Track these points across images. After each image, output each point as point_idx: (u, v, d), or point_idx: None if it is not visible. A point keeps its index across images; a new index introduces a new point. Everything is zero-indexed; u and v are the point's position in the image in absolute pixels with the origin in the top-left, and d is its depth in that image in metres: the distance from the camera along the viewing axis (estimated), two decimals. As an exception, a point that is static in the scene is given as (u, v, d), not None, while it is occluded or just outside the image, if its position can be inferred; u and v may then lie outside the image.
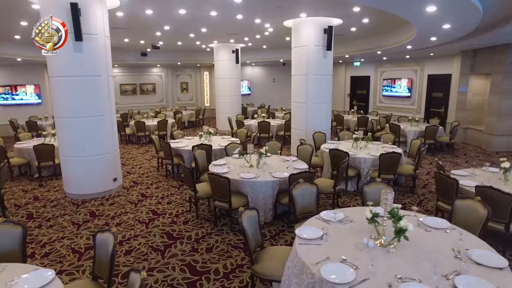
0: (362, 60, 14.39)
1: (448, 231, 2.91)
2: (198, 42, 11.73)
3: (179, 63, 15.96)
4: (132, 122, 10.84)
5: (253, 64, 17.85)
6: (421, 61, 12.56)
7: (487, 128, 9.52)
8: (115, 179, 6.03)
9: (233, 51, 12.29)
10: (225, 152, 6.27)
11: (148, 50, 13.11)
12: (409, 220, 3.13)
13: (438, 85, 12.18)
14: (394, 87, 13.76)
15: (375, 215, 2.72)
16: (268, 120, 10.64)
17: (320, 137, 7.51)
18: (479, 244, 2.71)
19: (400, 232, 2.53)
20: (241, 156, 5.26)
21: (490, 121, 9.42)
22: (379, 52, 10.76)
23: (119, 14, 6.74)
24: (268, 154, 5.89)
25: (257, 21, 7.86)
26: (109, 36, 5.78)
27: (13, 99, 12.89)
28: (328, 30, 7.58)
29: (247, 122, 10.76)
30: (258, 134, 10.17)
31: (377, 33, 9.87)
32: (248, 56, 14.75)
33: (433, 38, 7.57)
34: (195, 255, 3.88)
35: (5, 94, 12.66)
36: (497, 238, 3.94)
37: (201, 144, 6.29)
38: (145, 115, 12.10)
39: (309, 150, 6.08)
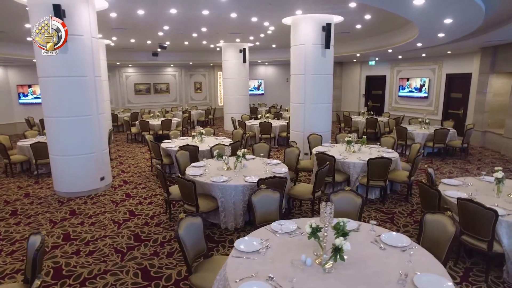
0: (377, 59, 13.77)
1: (405, 250, 2.61)
2: (204, 42, 11.71)
3: (191, 63, 16.09)
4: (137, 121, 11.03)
5: (266, 63, 17.65)
6: (439, 60, 11.80)
7: (507, 132, 8.73)
8: (102, 178, 6.09)
9: (240, 51, 12.17)
10: (211, 153, 6.16)
11: (159, 50, 13.28)
12: (366, 235, 2.87)
13: (457, 85, 11.39)
14: (411, 88, 13.03)
15: (316, 229, 2.48)
16: (269, 121, 10.42)
17: (316, 140, 7.21)
18: (433, 268, 2.40)
19: (336, 251, 2.27)
20: (219, 159, 5.12)
21: (510, 124, 8.63)
22: (390, 50, 10.22)
23: (113, 15, 6.82)
24: (252, 156, 5.76)
25: (254, 19, 7.68)
26: (97, 37, 5.85)
27: (36, 97, 13.52)
28: (327, 28, 7.25)
29: (250, 122, 10.59)
30: (260, 135, 10.01)
31: (386, 30, 9.37)
32: (258, 56, 14.59)
33: (441, 35, 7.02)
34: (154, 259, 3.79)
35: (30, 94, 13.33)
36: (485, 257, 3.51)
37: (187, 145, 6.22)
38: (151, 115, 12.26)
39: (296, 153, 5.83)
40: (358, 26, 8.63)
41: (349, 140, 6.07)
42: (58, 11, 5.06)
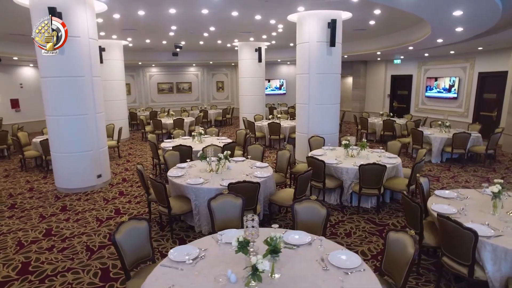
0: (402, 57, 12.92)
1: (351, 272, 2.31)
2: (219, 41, 11.71)
3: (211, 62, 16.20)
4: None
5: (288, 63, 17.30)
6: (471, 57, 10.78)
7: (544, 138, 7.73)
8: (99, 176, 6.26)
9: (256, 50, 12.01)
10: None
11: (178, 50, 13.50)
12: (315, 252, 2.59)
13: (491, 85, 10.35)
14: (439, 88, 12.04)
15: (245, 243, 2.27)
16: (281, 121, 10.16)
17: (317, 142, 6.87)
18: (373, 295, 2.09)
19: (255, 271, 2.05)
20: (202, 160, 5.01)
21: (547, 129, 7.64)
22: (411, 48, 9.50)
23: (116, 16, 6.98)
24: (241, 158, 5.60)
25: (258, 17, 7.48)
26: (95, 38, 6.01)
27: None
28: (332, 24, 6.86)
29: (262, 123, 10.40)
30: (269, 136, 9.80)
31: (404, 26, 8.73)
32: (277, 55, 14.36)
33: (459, 29, 6.35)
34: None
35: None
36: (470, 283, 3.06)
37: (180, 145, 6.19)
38: (166, 114, 12.51)
39: (287, 156, 5.56)
40: (372, 23, 8.10)
41: (346, 144, 5.69)
42: (54, 14, 5.24)
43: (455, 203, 3.61)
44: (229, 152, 4.87)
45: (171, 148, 6.11)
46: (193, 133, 7.35)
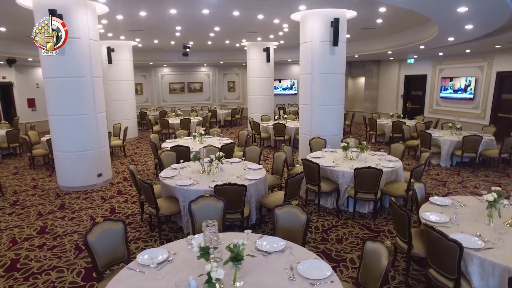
0: (415, 56, 12.48)
1: (317, 284, 2.20)
2: (227, 41, 11.70)
3: (221, 62, 16.22)
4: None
5: (299, 62, 17.08)
6: (489, 56, 10.27)
7: None
8: (99, 175, 6.36)
9: (264, 50, 11.92)
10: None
11: (187, 50, 13.59)
12: (286, 260, 2.48)
13: (510, 85, 9.83)
14: (455, 88, 11.54)
15: (206, 249, 2.21)
16: (286, 122, 10.03)
17: (318, 144, 6.71)
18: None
19: (210, 279, 1.97)
20: (195, 161, 4.98)
21: None
22: (422, 47, 9.15)
23: (119, 17, 7.07)
24: (237, 159, 5.53)
25: (260, 16, 7.40)
26: (96, 39, 6.09)
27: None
28: (335, 23, 6.68)
29: (267, 123, 10.31)
30: (274, 137, 9.70)
31: (413, 25, 8.42)
32: (287, 55, 14.20)
33: (468, 26, 6.03)
34: (104, 260, 3.79)
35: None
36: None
37: (178, 145, 6.19)
38: (174, 114, 12.61)
39: (283, 158, 5.45)
40: (379, 21, 7.85)
41: (345, 146, 5.52)
42: (54, 15, 5.35)
43: (449, 211, 3.40)
44: (222, 153, 4.82)
45: (169, 149, 6.12)
46: (194, 134, 7.35)
